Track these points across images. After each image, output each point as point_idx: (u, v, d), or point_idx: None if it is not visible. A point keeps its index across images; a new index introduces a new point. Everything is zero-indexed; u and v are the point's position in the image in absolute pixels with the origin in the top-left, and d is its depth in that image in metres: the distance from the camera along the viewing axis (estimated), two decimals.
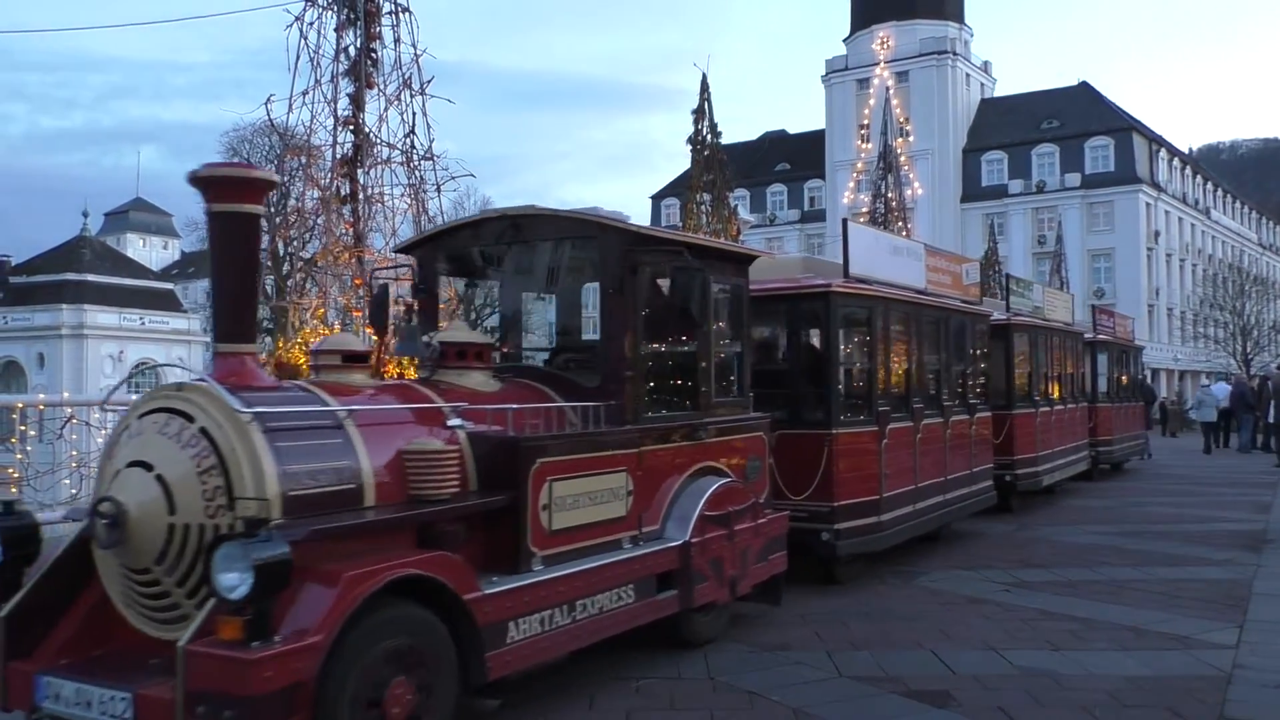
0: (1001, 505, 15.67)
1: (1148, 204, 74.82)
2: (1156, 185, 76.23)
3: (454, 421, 6.32)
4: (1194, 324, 71.99)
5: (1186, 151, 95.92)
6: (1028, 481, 16.45)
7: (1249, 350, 62.51)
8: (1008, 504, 16.11)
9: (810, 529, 10.04)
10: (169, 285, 72.59)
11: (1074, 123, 76.18)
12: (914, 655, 7.97)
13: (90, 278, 62.10)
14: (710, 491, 7.80)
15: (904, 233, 47.08)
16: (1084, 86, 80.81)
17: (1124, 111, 78.99)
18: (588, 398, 7.25)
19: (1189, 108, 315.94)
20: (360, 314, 13.27)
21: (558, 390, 7.40)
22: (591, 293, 8.60)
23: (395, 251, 8.45)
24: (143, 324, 63.09)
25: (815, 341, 10.85)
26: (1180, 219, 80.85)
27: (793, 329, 10.89)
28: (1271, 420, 27.86)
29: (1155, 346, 71.68)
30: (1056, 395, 18.50)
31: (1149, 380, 40.81)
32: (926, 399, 12.31)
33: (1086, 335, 22.15)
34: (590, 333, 9.13)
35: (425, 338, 7.20)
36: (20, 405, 11.59)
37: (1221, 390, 35.03)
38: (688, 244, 7.70)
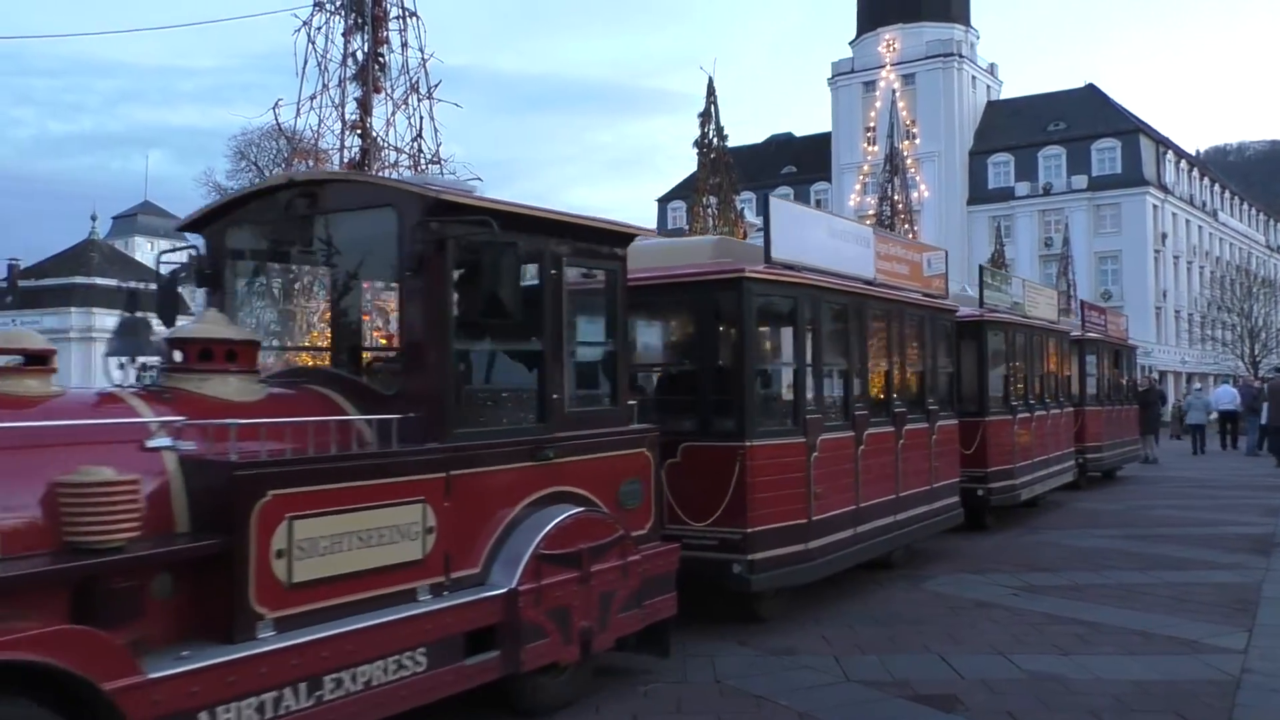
0: (974, 522, 13.96)
1: (1155, 206, 73.10)
2: (1163, 187, 74.56)
3: (158, 442, 4.67)
4: (1201, 326, 70.02)
5: (1194, 153, 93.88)
6: (1003, 495, 14.59)
7: (1256, 353, 60.52)
8: (981, 521, 14.35)
9: (720, 560, 8.37)
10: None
11: (1081, 125, 74.47)
12: (921, 659, 7.80)
13: (99, 281, 61.20)
14: (553, 525, 6.15)
15: (910, 235, 45.41)
16: (1091, 88, 78.97)
17: (1131, 113, 77.21)
18: (387, 408, 5.61)
19: (1196, 109, 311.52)
20: (368, 317, 12.66)
21: (358, 400, 5.78)
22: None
23: (178, 230, 6.87)
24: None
25: (728, 338, 9.15)
26: (1187, 221, 79.06)
27: (702, 324, 9.08)
28: (1264, 423, 27.37)
29: (1162, 349, 70.33)
30: (1037, 399, 16.53)
31: (1157, 383, 38.87)
32: (873, 405, 10.60)
33: (1073, 333, 20.17)
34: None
35: (159, 335, 5.56)
36: None
37: (1227, 394, 34.46)
38: (503, 212, 6.02)
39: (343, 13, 15.43)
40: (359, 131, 15.30)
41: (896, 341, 11.19)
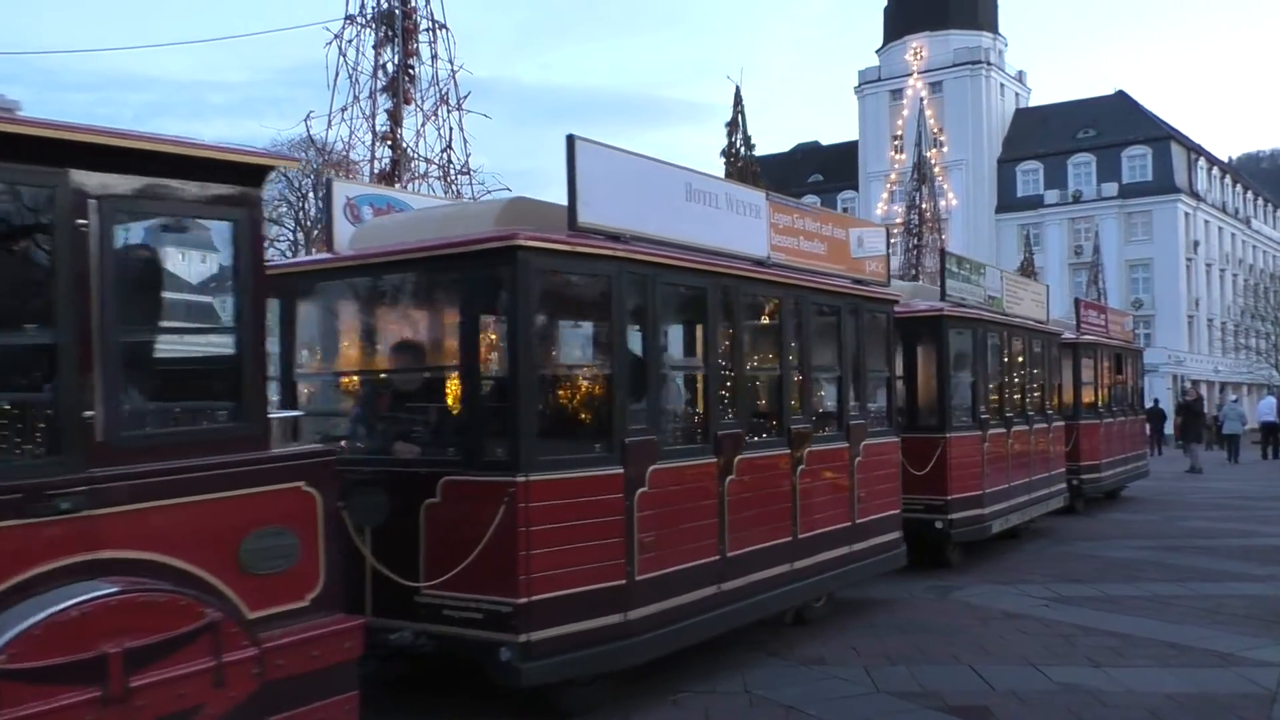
0: (933, 558, 11.13)
1: (1186, 213, 70.70)
2: (1195, 194, 72.20)
3: None
4: (1235, 335, 66.55)
5: (1226, 160, 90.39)
6: (967, 528, 11.75)
7: None
8: (944, 558, 11.43)
9: (482, 640, 5.59)
10: (208, 299, 69.69)
11: (1111, 132, 72.09)
12: (951, 670, 7.54)
13: None
14: (38, 620, 3.70)
15: (940, 243, 42.48)
16: (1120, 95, 76.36)
17: (1162, 120, 74.57)
18: None
19: (1228, 116, 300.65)
20: None
21: None
22: None
23: None
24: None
25: (499, 333, 6.40)
26: (1220, 228, 76.56)
27: (465, 314, 6.44)
28: None
29: (1195, 358, 68.59)
30: (1017, 411, 13.79)
31: (1187, 392, 35.77)
32: (757, 421, 7.82)
33: (1066, 335, 17.07)
34: None
35: None
36: None
37: (1268, 405, 34.37)
38: None
39: (373, 26, 15.39)
40: (389, 143, 15.27)
41: (797, 339, 8.59)
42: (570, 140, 6.36)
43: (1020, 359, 14.09)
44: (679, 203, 7.34)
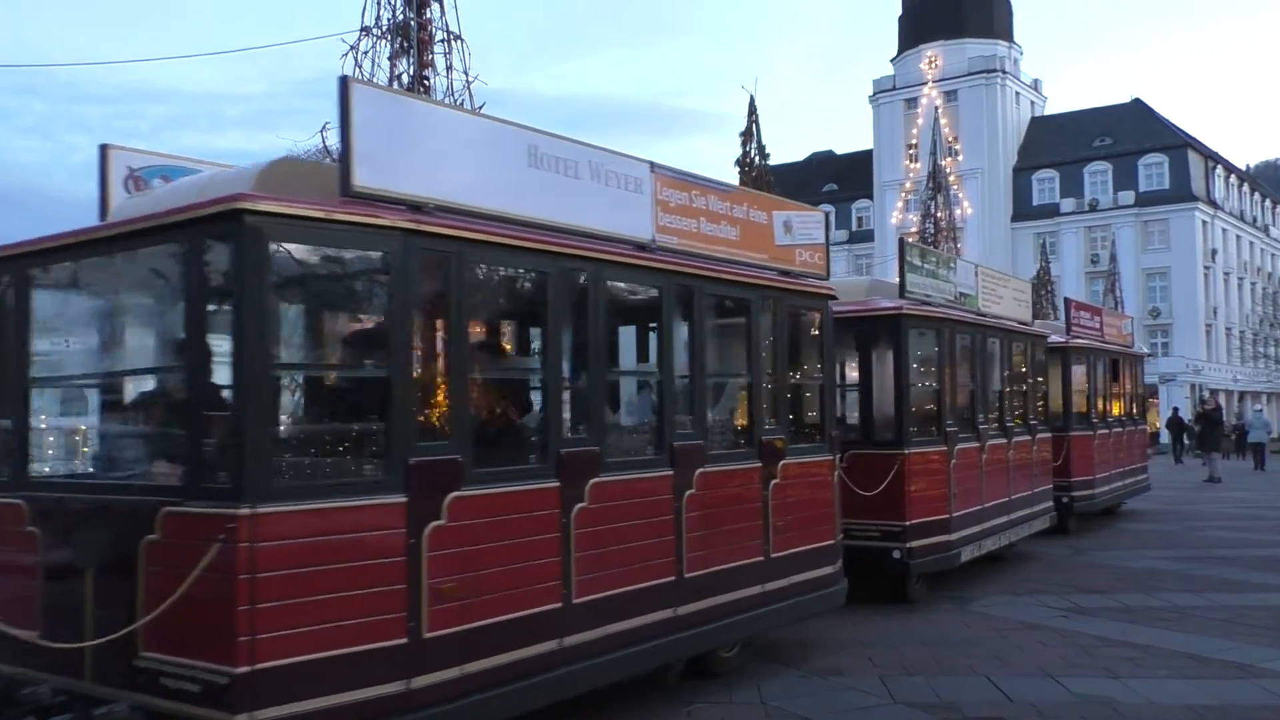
0: (892, 592, 10.18)
1: (1204, 222, 68.96)
2: (1213, 202, 70.50)
3: None
4: (1253, 344, 64.67)
5: (1244, 168, 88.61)
6: (930, 558, 10.15)
7: None
8: (903, 592, 9.99)
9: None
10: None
11: (1127, 140, 70.50)
12: (969, 681, 7.35)
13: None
14: None
15: (955, 253, 40.98)
16: (1137, 103, 74.84)
17: (1178, 128, 72.89)
18: None
19: (1245, 123, 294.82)
20: None
21: None
22: None
23: None
24: None
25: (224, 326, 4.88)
26: (1238, 236, 74.79)
27: (191, 301, 4.83)
28: None
29: (1213, 367, 67.02)
30: (994, 422, 12.06)
31: (1205, 401, 34.06)
32: (625, 438, 6.49)
33: (1054, 338, 15.34)
34: None
35: None
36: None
37: None
38: None
39: (389, 37, 15.39)
40: None
41: (689, 339, 6.96)
42: (343, 83, 4.90)
43: (998, 364, 12.37)
44: (518, 170, 5.77)
